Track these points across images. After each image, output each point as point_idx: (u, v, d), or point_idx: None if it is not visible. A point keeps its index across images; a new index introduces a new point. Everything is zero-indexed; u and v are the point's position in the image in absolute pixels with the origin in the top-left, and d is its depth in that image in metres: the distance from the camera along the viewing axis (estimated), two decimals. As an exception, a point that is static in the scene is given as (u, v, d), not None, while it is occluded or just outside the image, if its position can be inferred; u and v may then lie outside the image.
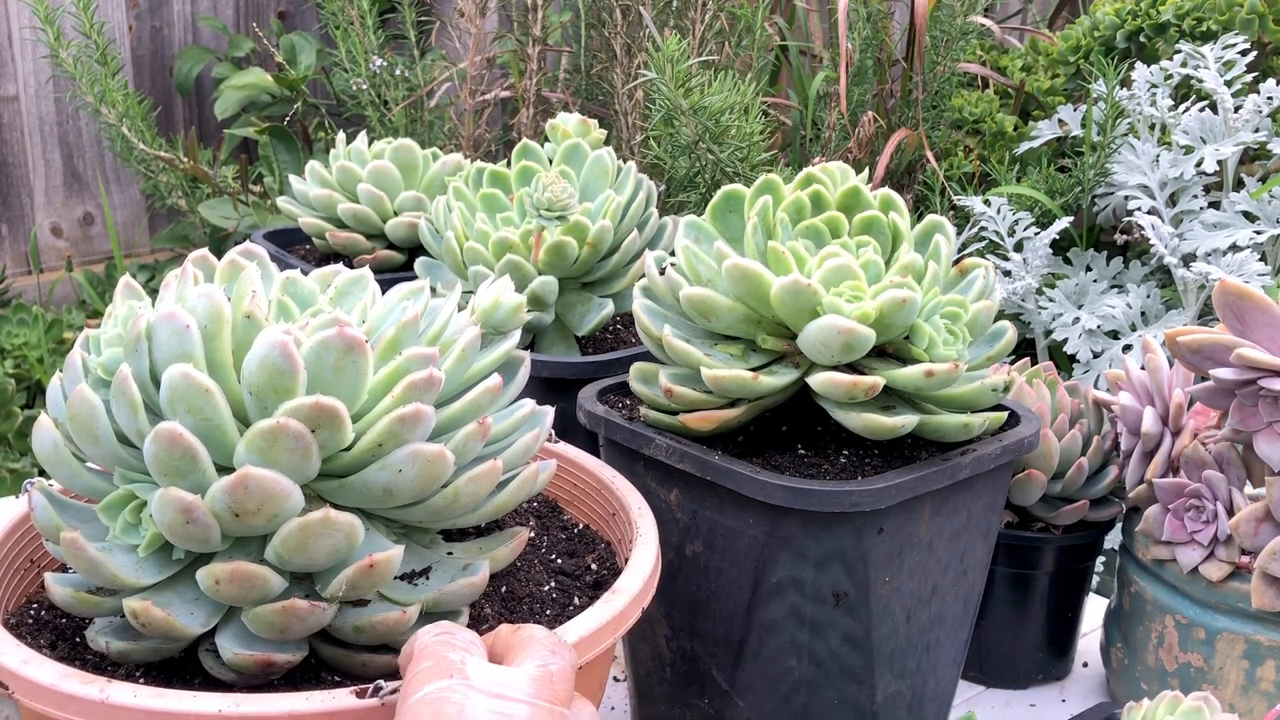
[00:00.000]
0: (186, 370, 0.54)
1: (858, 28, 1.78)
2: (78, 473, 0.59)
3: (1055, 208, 1.63)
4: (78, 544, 0.55)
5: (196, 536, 0.55)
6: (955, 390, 0.76)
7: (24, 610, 0.66)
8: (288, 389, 0.54)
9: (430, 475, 0.57)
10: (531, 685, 0.50)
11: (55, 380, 0.60)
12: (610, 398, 0.84)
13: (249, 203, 1.91)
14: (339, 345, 0.55)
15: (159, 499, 0.54)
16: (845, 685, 0.77)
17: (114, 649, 0.58)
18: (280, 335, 0.54)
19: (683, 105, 1.39)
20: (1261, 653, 0.84)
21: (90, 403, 0.56)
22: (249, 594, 0.56)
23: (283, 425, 0.53)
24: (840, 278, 0.72)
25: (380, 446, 0.56)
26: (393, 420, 0.56)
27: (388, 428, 0.56)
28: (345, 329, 0.55)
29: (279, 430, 0.53)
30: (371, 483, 0.57)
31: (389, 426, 0.56)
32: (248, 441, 0.54)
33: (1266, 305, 0.81)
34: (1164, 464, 0.90)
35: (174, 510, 0.54)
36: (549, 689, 0.50)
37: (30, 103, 2.14)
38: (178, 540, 0.56)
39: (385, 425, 0.56)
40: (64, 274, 2.19)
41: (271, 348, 0.54)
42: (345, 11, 1.89)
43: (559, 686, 0.51)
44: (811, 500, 0.71)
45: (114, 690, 0.53)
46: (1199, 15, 1.66)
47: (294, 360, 0.54)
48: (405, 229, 1.15)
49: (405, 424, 0.56)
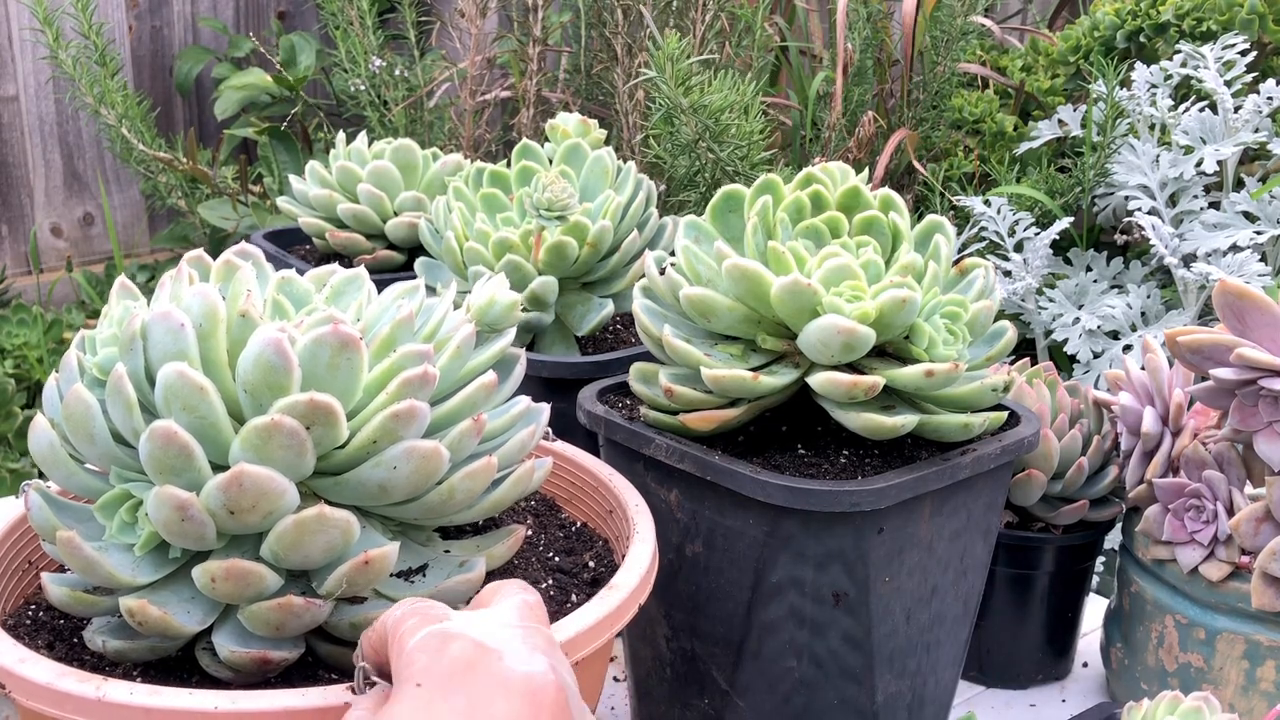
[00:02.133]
0: (181, 368, 0.54)
1: (858, 28, 1.78)
2: (74, 472, 0.59)
3: (1055, 208, 1.63)
4: (74, 543, 0.55)
5: (192, 534, 0.55)
6: (955, 390, 0.75)
7: (21, 611, 0.66)
8: (282, 386, 0.55)
9: (425, 472, 0.57)
10: (517, 613, 0.52)
11: (51, 380, 0.60)
12: (610, 398, 0.84)
13: (249, 203, 1.91)
14: (333, 342, 0.55)
15: (155, 497, 0.54)
16: (845, 685, 0.77)
17: (111, 648, 0.58)
18: (275, 333, 0.54)
19: (683, 104, 1.39)
20: (1261, 653, 0.84)
21: (86, 402, 0.56)
22: (245, 591, 0.56)
23: (277, 422, 0.53)
24: (840, 277, 0.72)
25: (375, 443, 0.57)
26: (387, 417, 0.56)
27: (382, 424, 0.56)
28: (340, 326, 0.55)
29: (273, 427, 0.54)
30: (366, 480, 0.57)
31: (384, 423, 0.56)
32: (243, 439, 0.54)
33: (1266, 305, 0.81)
34: (1164, 464, 0.90)
35: (169, 508, 0.54)
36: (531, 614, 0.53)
37: (30, 103, 2.14)
38: (173, 538, 0.56)
39: (380, 422, 0.56)
40: (64, 274, 2.19)
41: (266, 345, 0.54)
42: (345, 12, 1.89)
43: (539, 612, 0.54)
44: (811, 500, 0.71)
45: (110, 688, 0.53)
46: (1199, 15, 1.66)
47: (288, 357, 0.54)
48: (405, 229, 1.15)
49: (400, 420, 0.56)
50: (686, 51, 1.36)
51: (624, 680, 0.96)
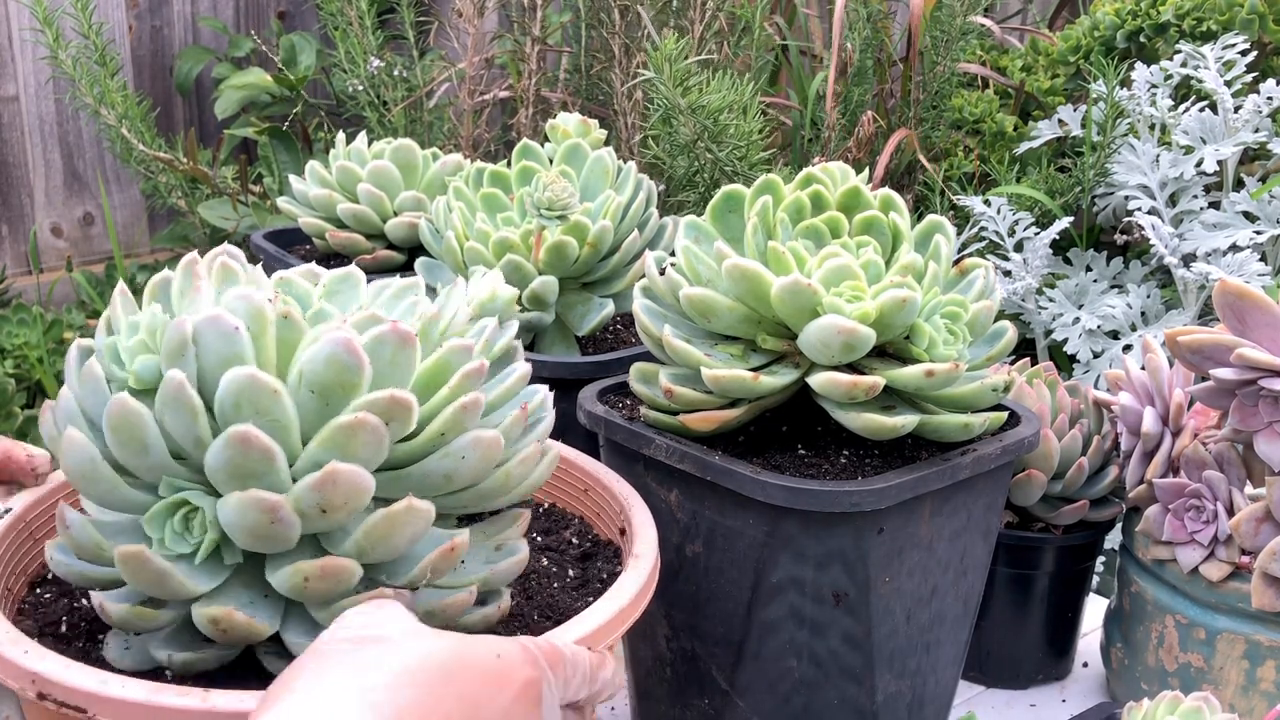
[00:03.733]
0: (253, 372, 0.54)
1: (857, 28, 1.78)
2: (116, 487, 0.58)
3: (1055, 208, 1.63)
4: (143, 557, 0.54)
5: (280, 536, 0.55)
6: (955, 390, 0.75)
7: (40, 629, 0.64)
8: (355, 384, 0.56)
9: (489, 459, 0.60)
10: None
11: (67, 395, 0.59)
12: (610, 398, 0.84)
13: (249, 203, 1.90)
14: (394, 340, 0.57)
15: (238, 502, 0.54)
16: (845, 685, 0.77)
17: (178, 660, 0.57)
18: (345, 332, 0.55)
19: (681, 104, 1.39)
20: (1261, 653, 0.84)
21: (137, 412, 0.55)
22: (336, 588, 0.56)
23: (361, 420, 0.55)
24: (840, 277, 0.72)
25: (443, 435, 0.58)
26: (456, 409, 0.58)
27: (453, 416, 0.58)
28: (398, 325, 0.57)
29: (358, 425, 0.55)
30: (432, 470, 0.59)
31: (454, 415, 0.58)
32: (325, 438, 0.55)
33: (1266, 305, 0.81)
34: (1164, 464, 0.90)
35: (257, 511, 0.54)
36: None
37: (30, 103, 2.14)
38: (254, 542, 0.56)
39: (450, 414, 0.58)
40: (64, 274, 2.19)
41: (338, 345, 0.55)
42: (344, 12, 1.89)
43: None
44: (811, 500, 0.71)
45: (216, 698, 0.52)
46: (1199, 15, 1.66)
47: (360, 356, 0.55)
48: (405, 229, 1.15)
49: (468, 412, 0.58)
50: (685, 52, 1.36)
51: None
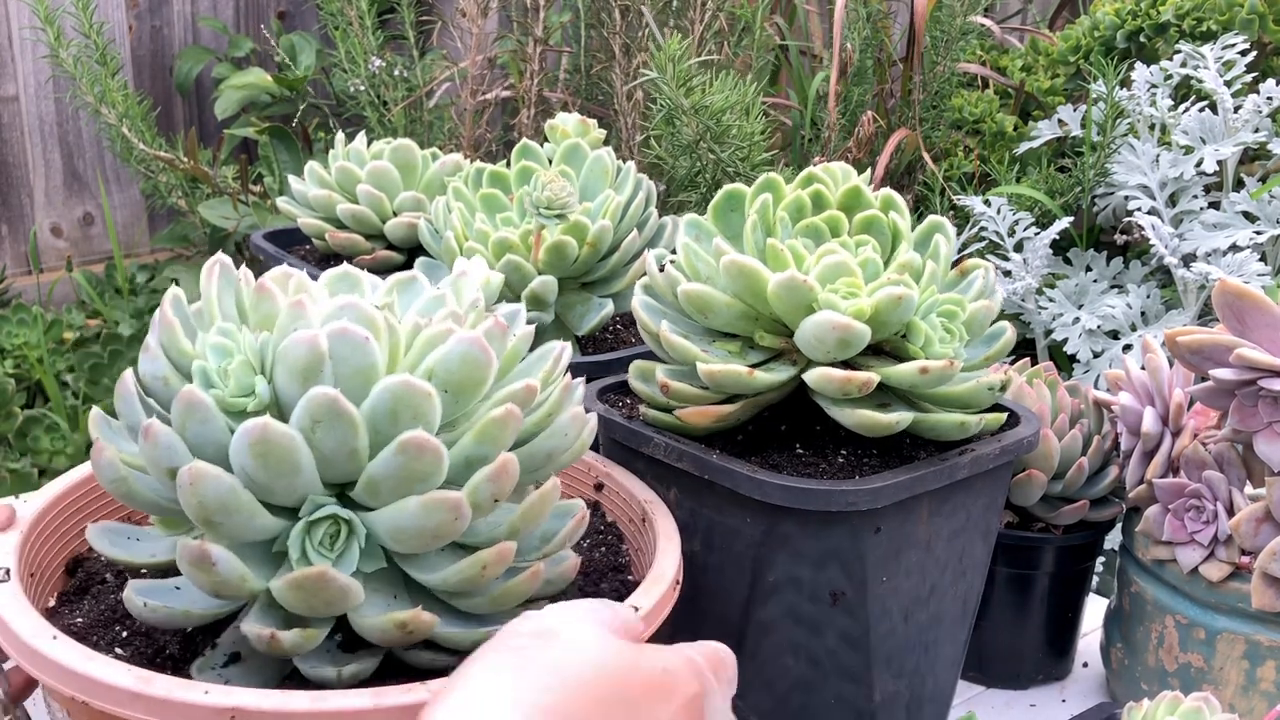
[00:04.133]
0: (407, 379, 0.56)
1: (857, 28, 1.78)
2: (255, 515, 0.57)
3: (1055, 208, 1.63)
4: (327, 576, 0.55)
5: (459, 532, 0.58)
6: (951, 388, 0.75)
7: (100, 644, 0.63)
8: (483, 379, 0.60)
9: (585, 434, 0.65)
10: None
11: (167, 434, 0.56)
12: (610, 397, 0.84)
13: (249, 203, 1.90)
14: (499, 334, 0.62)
15: (421, 506, 0.56)
16: (843, 685, 0.77)
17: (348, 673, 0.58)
18: (474, 333, 0.59)
19: (684, 104, 1.39)
20: (1261, 653, 0.84)
21: (290, 435, 0.55)
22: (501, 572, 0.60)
23: (511, 411, 0.59)
24: (836, 274, 0.72)
25: (550, 416, 0.63)
26: (561, 390, 0.64)
27: (559, 398, 0.64)
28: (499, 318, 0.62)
29: (509, 416, 0.59)
30: (537, 451, 0.63)
31: (559, 396, 0.64)
32: (480, 431, 0.58)
33: (1266, 305, 0.81)
34: (1164, 464, 0.90)
35: (444, 510, 0.56)
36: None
37: (30, 103, 2.14)
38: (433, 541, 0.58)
39: (556, 395, 0.64)
40: (64, 274, 2.19)
41: (471, 344, 0.58)
42: (344, 12, 1.89)
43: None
44: (808, 499, 0.71)
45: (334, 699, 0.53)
46: (1199, 15, 1.66)
47: (490, 353, 0.59)
48: (404, 229, 1.15)
49: (567, 392, 0.64)
50: (686, 53, 1.36)
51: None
